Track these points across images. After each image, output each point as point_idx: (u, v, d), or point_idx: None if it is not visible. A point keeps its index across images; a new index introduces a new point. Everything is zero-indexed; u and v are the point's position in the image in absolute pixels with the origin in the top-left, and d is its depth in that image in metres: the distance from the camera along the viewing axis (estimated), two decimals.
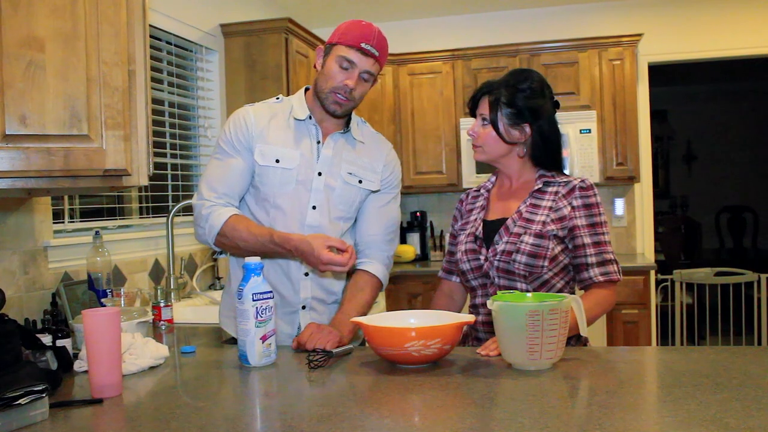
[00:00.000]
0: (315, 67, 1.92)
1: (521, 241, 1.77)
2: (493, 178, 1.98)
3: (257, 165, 1.88)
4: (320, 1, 4.41)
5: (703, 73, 7.51)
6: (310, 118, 1.92)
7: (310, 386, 1.46)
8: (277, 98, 1.99)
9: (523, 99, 1.81)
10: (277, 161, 1.88)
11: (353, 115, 1.98)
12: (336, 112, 1.88)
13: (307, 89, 1.98)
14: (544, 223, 1.78)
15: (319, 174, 1.91)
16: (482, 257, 1.83)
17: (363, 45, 1.80)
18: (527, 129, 1.83)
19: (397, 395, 1.34)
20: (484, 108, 1.85)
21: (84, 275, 2.30)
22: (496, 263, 1.80)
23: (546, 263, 1.77)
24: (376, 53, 1.83)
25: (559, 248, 1.79)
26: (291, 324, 1.94)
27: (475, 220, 1.91)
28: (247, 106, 1.96)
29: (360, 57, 1.82)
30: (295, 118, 1.92)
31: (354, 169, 1.95)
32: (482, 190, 1.98)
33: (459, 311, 1.99)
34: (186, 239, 3.24)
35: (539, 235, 1.76)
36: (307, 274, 1.92)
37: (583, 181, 1.84)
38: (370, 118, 4.18)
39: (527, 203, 1.83)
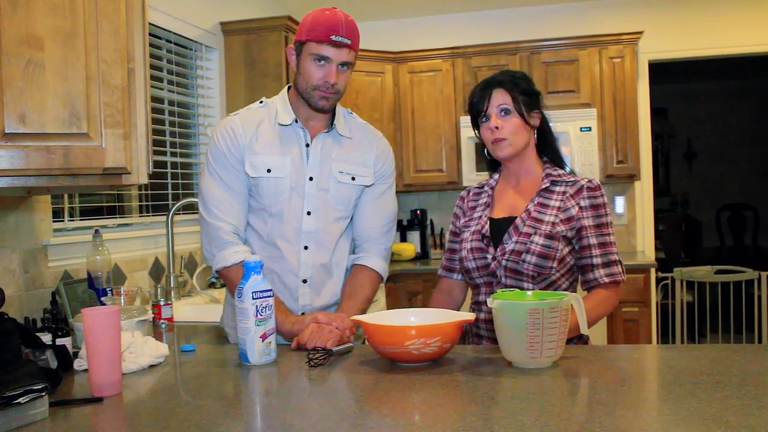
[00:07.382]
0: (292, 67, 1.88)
1: (531, 242, 1.76)
2: (497, 176, 1.97)
3: (249, 177, 1.86)
4: None
5: (704, 71, 7.51)
6: (297, 121, 1.89)
7: (310, 384, 1.46)
8: (261, 102, 1.95)
9: (527, 85, 1.84)
10: (269, 171, 1.85)
11: (338, 108, 1.94)
12: (324, 107, 1.85)
13: (289, 87, 1.94)
14: (553, 223, 1.78)
15: (311, 179, 1.88)
16: (489, 256, 1.82)
17: (333, 38, 1.75)
18: (538, 115, 1.86)
19: (397, 393, 1.34)
20: (500, 99, 1.81)
21: (84, 274, 2.30)
22: (504, 263, 1.79)
23: (555, 264, 1.76)
24: (348, 42, 1.78)
25: (567, 249, 1.78)
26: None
27: (480, 217, 1.89)
28: (232, 115, 1.92)
29: (333, 51, 1.77)
30: (281, 124, 1.89)
31: (345, 166, 1.92)
32: (486, 188, 1.96)
33: (458, 309, 1.98)
34: (186, 237, 3.24)
35: (549, 236, 1.76)
36: (305, 281, 1.90)
37: (590, 181, 1.84)
38: (370, 117, 4.16)
39: (535, 202, 1.83)
